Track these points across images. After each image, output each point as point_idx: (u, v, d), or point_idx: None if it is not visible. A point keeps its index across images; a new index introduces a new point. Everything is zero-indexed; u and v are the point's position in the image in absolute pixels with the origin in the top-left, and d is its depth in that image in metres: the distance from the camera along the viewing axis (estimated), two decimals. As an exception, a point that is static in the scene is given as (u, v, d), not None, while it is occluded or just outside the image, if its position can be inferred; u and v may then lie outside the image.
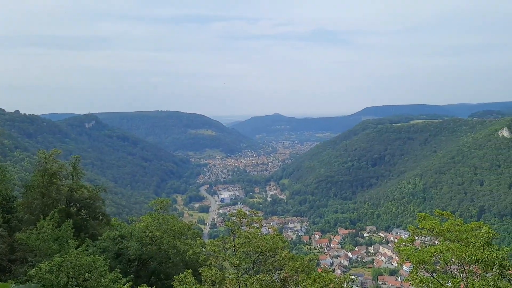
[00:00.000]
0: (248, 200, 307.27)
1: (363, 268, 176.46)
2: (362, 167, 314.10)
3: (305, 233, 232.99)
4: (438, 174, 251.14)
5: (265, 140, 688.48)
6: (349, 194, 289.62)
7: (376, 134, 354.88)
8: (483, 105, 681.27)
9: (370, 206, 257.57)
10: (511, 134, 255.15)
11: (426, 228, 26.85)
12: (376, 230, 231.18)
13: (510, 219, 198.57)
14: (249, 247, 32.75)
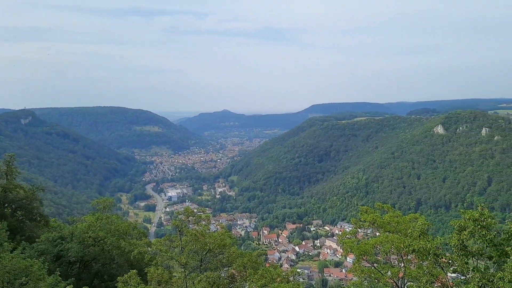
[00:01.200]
0: (196, 197, 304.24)
1: (310, 261, 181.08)
2: (309, 163, 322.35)
3: (254, 229, 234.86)
4: (380, 169, 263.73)
5: (214, 137, 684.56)
6: (297, 189, 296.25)
7: (322, 131, 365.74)
8: (421, 103, 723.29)
9: (316, 200, 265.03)
10: (445, 131, 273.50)
11: (367, 221, 28.04)
12: (322, 223, 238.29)
13: (444, 210, 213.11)
14: (196, 245, 32.34)
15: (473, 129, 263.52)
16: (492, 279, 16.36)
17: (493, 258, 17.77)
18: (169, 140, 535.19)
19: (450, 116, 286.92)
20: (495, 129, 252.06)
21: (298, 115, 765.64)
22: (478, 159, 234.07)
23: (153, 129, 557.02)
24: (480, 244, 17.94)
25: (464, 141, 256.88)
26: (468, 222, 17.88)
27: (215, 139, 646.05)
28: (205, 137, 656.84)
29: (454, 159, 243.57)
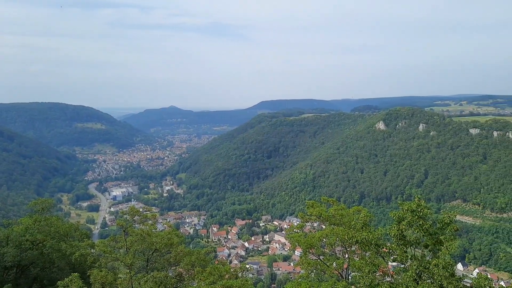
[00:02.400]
0: (142, 196, 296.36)
1: (259, 256, 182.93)
2: (258, 159, 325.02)
3: (203, 227, 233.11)
4: (326, 163, 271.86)
5: (160, 133, 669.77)
6: (246, 185, 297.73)
7: (271, 127, 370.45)
8: (364, 100, 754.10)
9: (266, 196, 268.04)
10: (386, 126, 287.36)
11: (314, 215, 28.76)
12: (271, 219, 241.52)
13: (385, 202, 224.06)
14: (142, 245, 31.57)
15: (411, 125, 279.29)
16: (428, 266, 17.33)
17: (429, 246, 18.81)
18: (113, 138, 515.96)
19: (390, 113, 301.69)
20: (431, 125, 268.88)
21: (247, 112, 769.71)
22: (416, 153, 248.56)
23: (95, 126, 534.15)
24: (417, 233, 18.92)
25: (403, 136, 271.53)
26: (406, 213, 18.79)
27: (162, 136, 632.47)
28: (152, 134, 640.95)
29: (394, 154, 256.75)
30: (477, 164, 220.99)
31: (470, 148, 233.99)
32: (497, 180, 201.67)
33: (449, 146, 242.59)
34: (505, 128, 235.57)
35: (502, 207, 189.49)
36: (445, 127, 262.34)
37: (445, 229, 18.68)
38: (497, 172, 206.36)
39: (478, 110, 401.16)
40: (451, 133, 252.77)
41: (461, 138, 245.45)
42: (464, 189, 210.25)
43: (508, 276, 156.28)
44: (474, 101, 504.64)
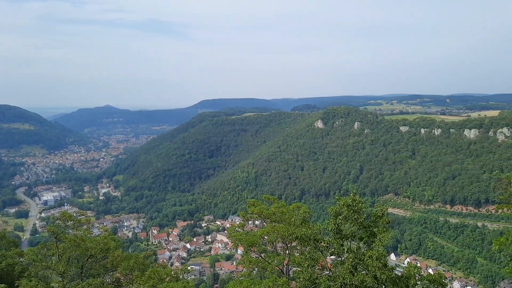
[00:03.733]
0: (76, 200, 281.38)
1: (202, 257, 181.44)
2: (200, 158, 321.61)
3: (143, 230, 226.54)
4: (268, 162, 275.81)
5: (95, 134, 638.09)
6: (188, 186, 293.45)
7: (213, 126, 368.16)
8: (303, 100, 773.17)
9: (208, 196, 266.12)
10: (324, 125, 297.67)
11: (255, 213, 28.96)
12: (214, 218, 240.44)
13: (324, 198, 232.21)
14: (76, 252, 30.05)
15: (347, 123, 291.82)
16: (363, 258, 17.99)
17: (364, 239, 19.56)
18: (42, 139, 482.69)
19: (328, 112, 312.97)
20: (365, 123, 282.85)
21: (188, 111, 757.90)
22: (352, 150, 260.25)
23: (23, 126, 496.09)
24: (353, 227, 19.61)
25: (340, 134, 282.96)
26: (343, 208, 19.40)
27: (97, 137, 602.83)
28: (86, 135, 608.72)
29: (332, 151, 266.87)
30: (407, 160, 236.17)
31: (400, 145, 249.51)
32: (425, 174, 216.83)
33: (381, 143, 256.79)
34: (431, 126, 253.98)
35: (429, 199, 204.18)
36: (378, 125, 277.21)
37: (378, 222, 19.50)
38: (425, 167, 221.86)
39: (407, 109, 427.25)
40: (384, 131, 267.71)
41: (393, 135, 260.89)
42: (395, 183, 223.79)
43: (436, 263, 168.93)
44: (403, 100, 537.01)
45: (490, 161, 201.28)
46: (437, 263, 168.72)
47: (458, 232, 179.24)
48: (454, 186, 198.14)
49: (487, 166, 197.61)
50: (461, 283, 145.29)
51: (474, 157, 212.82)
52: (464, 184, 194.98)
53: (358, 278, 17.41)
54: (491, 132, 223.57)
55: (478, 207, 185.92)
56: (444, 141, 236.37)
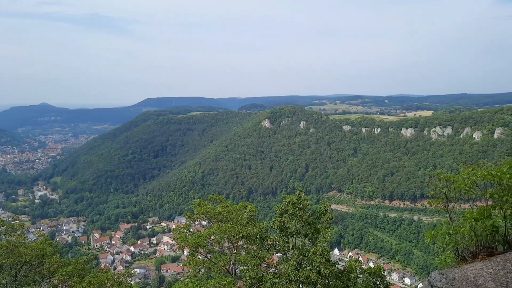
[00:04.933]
0: (9, 204, 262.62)
1: (147, 260, 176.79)
2: (144, 159, 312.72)
3: (83, 234, 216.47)
4: (215, 161, 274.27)
5: (30, 133, 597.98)
6: (131, 187, 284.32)
7: (158, 125, 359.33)
8: (250, 99, 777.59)
9: (153, 197, 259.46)
10: (271, 124, 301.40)
11: (201, 213, 28.44)
12: (159, 220, 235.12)
13: (271, 196, 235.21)
14: (9, 259, 28.50)
15: (293, 123, 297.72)
16: (308, 254, 18.24)
17: (308, 235, 19.84)
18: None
19: (275, 111, 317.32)
20: (310, 122, 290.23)
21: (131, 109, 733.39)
22: (298, 149, 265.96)
23: None
24: (298, 224, 19.82)
25: (286, 133, 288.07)
26: (289, 206, 19.53)
27: (32, 137, 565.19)
28: (19, 134, 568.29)
29: (279, 150, 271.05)
30: (349, 158, 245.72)
31: (343, 143, 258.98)
32: (366, 171, 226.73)
33: (326, 142, 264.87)
34: (371, 125, 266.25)
35: (370, 195, 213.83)
36: (322, 124, 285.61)
37: (322, 218, 19.87)
38: (366, 164, 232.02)
39: (350, 109, 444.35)
40: (328, 130, 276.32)
41: (336, 134, 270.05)
42: (339, 181, 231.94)
43: (376, 256, 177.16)
44: (346, 101, 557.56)
45: (424, 158, 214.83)
46: (377, 256, 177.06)
47: (396, 226, 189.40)
48: (393, 182, 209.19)
49: (422, 163, 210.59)
50: (399, 275, 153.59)
51: (411, 154, 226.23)
52: (401, 180, 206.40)
53: (303, 274, 17.61)
54: (425, 131, 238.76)
55: (414, 202, 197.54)
56: (383, 140, 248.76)
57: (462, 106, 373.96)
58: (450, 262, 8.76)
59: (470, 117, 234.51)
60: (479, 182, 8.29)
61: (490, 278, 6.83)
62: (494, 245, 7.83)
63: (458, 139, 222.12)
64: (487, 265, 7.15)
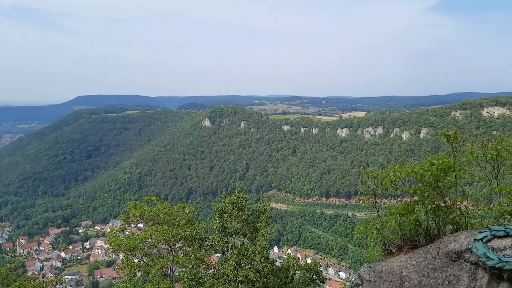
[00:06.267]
0: None
1: (79, 265, 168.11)
2: (76, 160, 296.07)
3: (8, 240, 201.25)
4: (153, 162, 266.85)
5: None
6: (62, 190, 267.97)
7: (91, 124, 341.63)
8: (190, 98, 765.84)
9: (85, 200, 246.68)
10: (212, 124, 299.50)
11: (136, 216, 27.54)
12: (93, 224, 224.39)
13: (212, 196, 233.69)
14: None
15: (234, 122, 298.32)
16: (247, 253, 18.31)
17: (248, 234, 19.94)
18: None
19: (215, 111, 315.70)
20: (251, 122, 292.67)
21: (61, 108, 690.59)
22: (238, 149, 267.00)
23: None
24: (237, 224, 19.85)
25: (227, 133, 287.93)
26: (228, 206, 19.47)
27: None
28: None
29: (220, 150, 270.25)
30: (289, 157, 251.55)
31: (283, 143, 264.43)
32: (304, 170, 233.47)
33: (266, 141, 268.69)
34: (310, 125, 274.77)
35: (308, 193, 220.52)
36: (263, 124, 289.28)
37: (261, 217, 20.07)
38: (304, 163, 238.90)
39: (289, 109, 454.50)
40: (268, 130, 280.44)
41: (276, 134, 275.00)
42: (279, 180, 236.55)
43: (314, 252, 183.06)
44: (285, 101, 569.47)
45: (358, 157, 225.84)
46: (315, 252, 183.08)
47: (332, 222, 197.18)
48: (329, 180, 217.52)
49: (356, 162, 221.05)
50: (335, 269, 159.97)
51: (346, 153, 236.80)
52: (337, 178, 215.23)
53: (242, 274, 17.65)
54: (359, 131, 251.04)
55: (349, 199, 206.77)
56: (320, 139, 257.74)
57: (392, 108, 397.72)
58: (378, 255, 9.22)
59: (399, 118, 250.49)
60: (403, 179, 8.79)
61: (413, 270, 7.27)
62: (417, 238, 8.36)
63: (389, 138, 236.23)
64: (411, 257, 7.61)
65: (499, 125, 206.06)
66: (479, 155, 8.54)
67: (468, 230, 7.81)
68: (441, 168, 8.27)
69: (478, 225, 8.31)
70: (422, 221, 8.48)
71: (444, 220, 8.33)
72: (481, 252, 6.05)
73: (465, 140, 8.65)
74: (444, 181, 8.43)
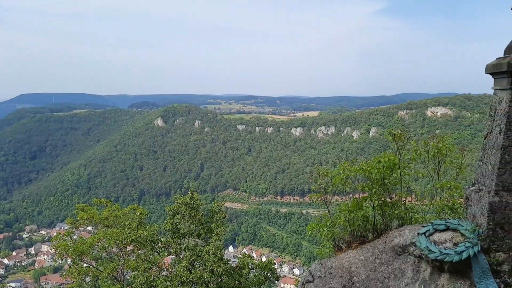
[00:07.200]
0: None
1: (23, 272, 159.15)
2: (19, 161, 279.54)
3: None
4: (102, 162, 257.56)
5: None
6: (4, 193, 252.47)
7: (35, 124, 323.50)
8: (141, 97, 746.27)
9: (30, 203, 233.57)
10: (165, 123, 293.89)
11: (84, 219, 26.41)
12: (38, 228, 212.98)
13: (165, 197, 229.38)
14: None
15: (188, 122, 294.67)
16: (200, 254, 18.12)
17: (201, 235, 19.74)
18: None
19: (168, 110, 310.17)
20: (205, 122, 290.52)
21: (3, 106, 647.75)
22: (193, 148, 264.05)
23: None
24: (191, 225, 19.59)
25: (181, 132, 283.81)
26: (181, 207, 19.15)
27: None
28: None
29: (173, 149, 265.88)
30: (244, 156, 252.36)
31: (238, 142, 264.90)
32: (259, 169, 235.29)
33: (221, 141, 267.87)
34: (264, 124, 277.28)
35: (263, 192, 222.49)
36: (217, 123, 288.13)
37: (215, 217, 19.94)
38: (259, 162, 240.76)
39: (244, 108, 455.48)
40: (223, 129, 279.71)
41: (231, 133, 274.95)
42: (234, 179, 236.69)
43: (269, 250, 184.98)
44: (240, 101, 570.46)
45: (312, 156, 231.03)
46: (270, 250, 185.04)
47: (287, 220, 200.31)
48: (284, 179, 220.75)
49: (309, 160, 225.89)
50: (290, 266, 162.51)
51: (300, 152, 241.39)
52: (291, 176, 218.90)
53: (196, 275, 17.45)
54: (312, 130, 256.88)
55: (303, 197, 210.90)
56: (275, 139, 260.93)
57: (344, 108, 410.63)
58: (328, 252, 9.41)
59: (350, 117, 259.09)
60: (353, 176, 9.03)
61: (362, 264, 7.47)
62: (366, 233, 8.61)
63: (340, 137, 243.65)
64: (359, 253, 7.82)
65: (441, 124, 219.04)
66: (422, 152, 8.94)
67: (412, 225, 8.15)
68: (387, 166, 8.57)
69: (422, 220, 8.70)
70: (370, 217, 8.75)
71: (390, 215, 8.64)
72: (424, 246, 6.31)
73: (409, 139, 9.04)
74: (390, 178, 8.76)
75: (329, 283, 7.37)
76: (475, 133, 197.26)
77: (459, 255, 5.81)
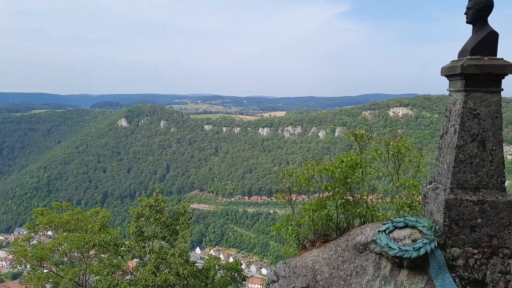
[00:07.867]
0: None
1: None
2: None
3: None
4: (63, 164, 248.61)
5: None
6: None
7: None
8: (104, 96, 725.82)
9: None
10: (129, 123, 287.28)
11: (43, 223, 25.44)
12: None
13: (130, 200, 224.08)
14: None
15: (153, 122, 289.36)
16: (166, 256, 17.84)
17: (166, 237, 19.43)
18: None
19: (132, 110, 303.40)
20: (171, 122, 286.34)
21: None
22: (158, 149, 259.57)
23: None
24: (156, 227, 19.25)
25: (146, 133, 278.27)
26: (145, 209, 18.79)
27: None
28: None
29: (138, 150, 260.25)
30: (211, 157, 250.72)
31: (205, 143, 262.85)
32: (227, 169, 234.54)
33: (187, 141, 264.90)
34: (232, 124, 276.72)
35: (231, 192, 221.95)
36: (184, 123, 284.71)
37: (180, 219, 19.70)
38: (226, 163, 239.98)
39: (211, 108, 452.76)
40: (189, 129, 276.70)
41: (198, 133, 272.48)
42: (201, 180, 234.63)
43: (236, 251, 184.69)
44: (207, 101, 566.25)
45: (279, 155, 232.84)
46: (237, 251, 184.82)
47: (255, 220, 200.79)
48: (251, 179, 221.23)
49: (276, 160, 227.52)
50: (257, 266, 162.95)
51: (267, 152, 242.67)
52: (259, 176, 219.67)
53: (161, 278, 17.20)
54: (279, 130, 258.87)
55: (270, 196, 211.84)
56: (242, 139, 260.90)
57: (310, 108, 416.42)
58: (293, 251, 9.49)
59: (316, 117, 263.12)
60: (316, 176, 9.15)
61: (325, 263, 7.57)
62: (329, 232, 8.74)
63: (307, 137, 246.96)
64: (323, 251, 7.92)
65: (403, 124, 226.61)
66: (383, 152, 9.19)
67: (374, 223, 8.35)
68: (349, 165, 8.75)
69: (383, 218, 8.93)
70: (333, 215, 8.89)
71: (353, 214, 8.82)
72: (384, 243, 6.46)
73: (370, 138, 9.26)
74: (352, 177, 8.94)
75: (294, 282, 7.43)
76: (434, 132, 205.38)
77: (417, 251, 5.99)
